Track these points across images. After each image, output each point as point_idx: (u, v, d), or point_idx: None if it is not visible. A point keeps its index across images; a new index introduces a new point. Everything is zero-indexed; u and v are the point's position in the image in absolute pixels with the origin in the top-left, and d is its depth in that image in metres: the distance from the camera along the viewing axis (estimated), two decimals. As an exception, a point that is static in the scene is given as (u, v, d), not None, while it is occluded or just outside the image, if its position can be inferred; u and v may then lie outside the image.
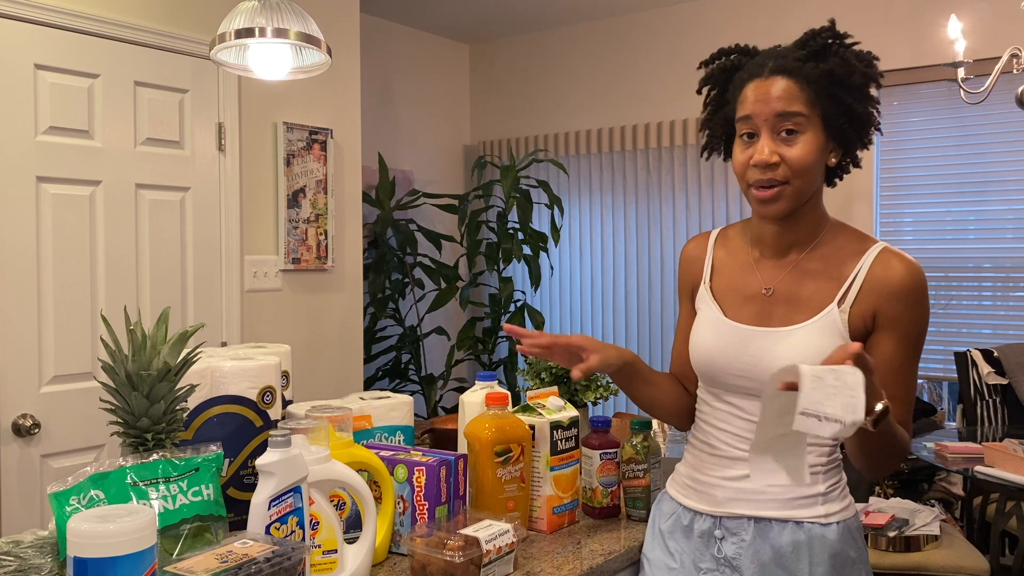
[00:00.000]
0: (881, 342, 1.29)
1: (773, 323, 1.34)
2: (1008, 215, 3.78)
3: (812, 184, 1.30)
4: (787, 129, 1.26)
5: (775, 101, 1.26)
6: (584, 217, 4.91)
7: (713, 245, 1.48)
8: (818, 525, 1.32)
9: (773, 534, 1.33)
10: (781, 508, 1.33)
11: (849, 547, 1.33)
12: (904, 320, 1.29)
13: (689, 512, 1.42)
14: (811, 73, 1.26)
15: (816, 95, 1.26)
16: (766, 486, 1.33)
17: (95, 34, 2.62)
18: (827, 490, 1.34)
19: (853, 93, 1.28)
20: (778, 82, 1.27)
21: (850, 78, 1.27)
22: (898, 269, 1.29)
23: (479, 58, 5.32)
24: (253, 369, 1.55)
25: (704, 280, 1.45)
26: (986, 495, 3.32)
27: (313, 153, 3.27)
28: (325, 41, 1.81)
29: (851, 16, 4.05)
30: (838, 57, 1.27)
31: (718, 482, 1.38)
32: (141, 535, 0.94)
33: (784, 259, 1.37)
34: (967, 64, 2.80)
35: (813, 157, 1.27)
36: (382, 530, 1.38)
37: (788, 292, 1.34)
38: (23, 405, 2.46)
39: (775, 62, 1.28)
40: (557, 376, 1.98)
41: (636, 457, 1.66)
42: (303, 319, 3.28)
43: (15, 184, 2.45)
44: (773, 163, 1.27)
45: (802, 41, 1.30)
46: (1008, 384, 3.60)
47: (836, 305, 1.30)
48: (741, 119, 1.30)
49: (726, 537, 1.37)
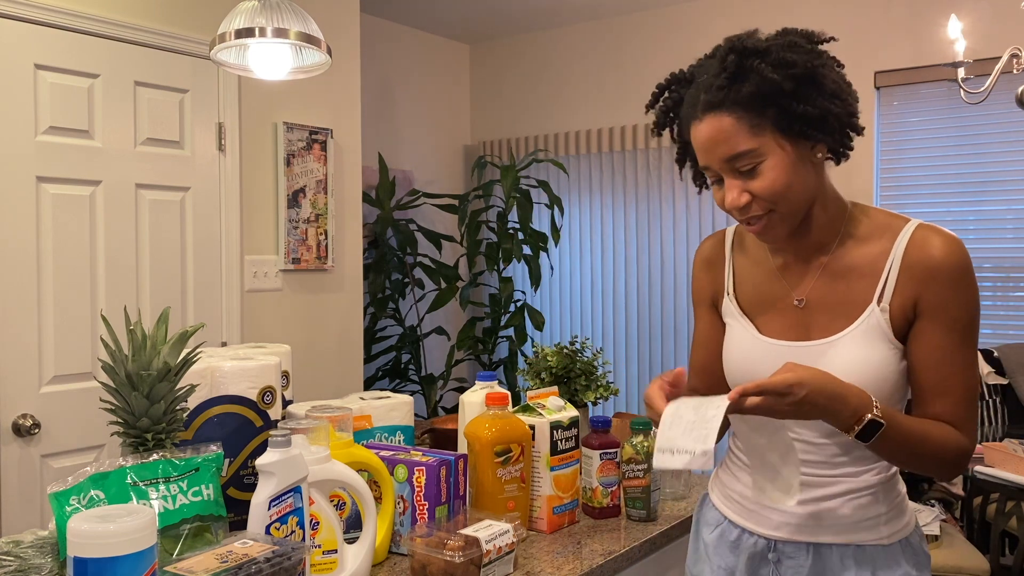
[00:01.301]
0: (926, 331, 1.18)
1: (812, 336, 1.25)
2: (1008, 215, 3.78)
3: (802, 197, 1.20)
4: (743, 168, 1.17)
5: (718, 147, 1.17)
6: (584, 217, 4.91)
7: (731, 249, 1.40)
8: (881, 547, 1.26)
9: (833, 560, 1.26)
10: (841, 533, 1.26)
11: (910, 564, 1.26)
12: (950, 304, 1.17)
13: (736, 528, 1.35)
14: (737, 98, 1.15)
15: (757, 116, 1.15)
16: (825, 511, 1.26)
17: (95, 34, 2.62)
18: (889, 508, 1.27)
19: (794, 98, 1.14)
20: (711, 123, 1.17)
21: (779, 89, 1.14)
22: (937, 247, 1.17)
23: (479, 58, 5.33)
24: (253, 369, 1.55)
25: (728, 291, 1.37)
26: (986, 495, 3.32)
27: (313, 153, 3.27)
28: (325, 41, 1.81)
29: (851, 16, 4.05)
30: (756, 74, 1.14)
31: (774, 505, 1.29)
32: (141, 535, 0.94)
33: (810, 264, 1.27)
34: (967, 64, 2.80)
35: (784, 178, 1.16)
36: (382, 530, 1.38)
37: (821, 299, 1.25)
38: (23, 405, 2.46)
39: (704, 96, 1.18)
40: (557, 376, 1.98)
41: (636, 457, 1.66)
42: (303, 319, 3.28)
43: (15, 184, 2.45)
44: (744, 204, 1.19)
45: (719, 62, 1.18)
46: (1008, 384, 3.60)
47: (876, 304, 1.20)
48: (702, 168, 1.23)
49: (782, 560, 1.30)
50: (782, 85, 1.13)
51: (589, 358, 2.03)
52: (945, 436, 1.18)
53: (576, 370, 1.99)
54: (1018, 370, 3.58)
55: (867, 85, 4.01)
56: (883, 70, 3.98)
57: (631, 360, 4.74)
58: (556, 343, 2.09)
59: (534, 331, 4.91)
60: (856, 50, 4.01)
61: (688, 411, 1.13)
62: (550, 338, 5.00)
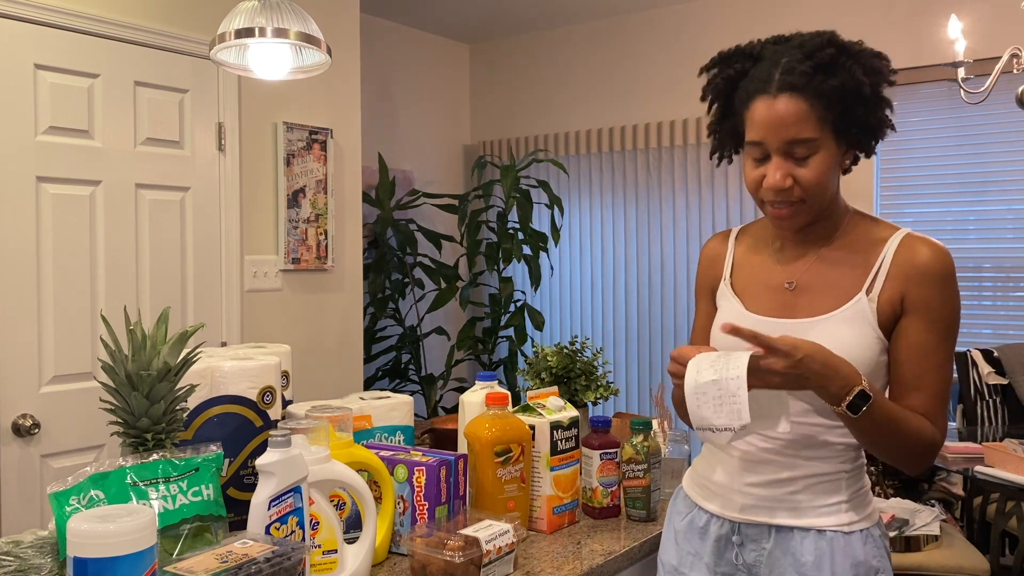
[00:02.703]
0: (910, 327, 1.26)
1: (798, 314, 1.31)
2: (1008, 215, 3.78)
3: (828, 195, 1.28)
4: (799, 154, 1.23)
5: (786, 128, 1.22)
6: (584, 217, 4.91)
7: (734, 242, 1.47)
8: (841, 534, 1.29)
9: (794, 543, 1.30)
10: (803, 516, 1.30)
11: (872, 556, 1.30)
12: (933, 304, 1.25)
13: (705, 514, 1.40)
14: (819, 88, 1.21)
15: (826, 109, 1.22)
16: (787, 493, 1.30)
17: (95, 34, 2.62)
18: (850, 496, 1.31)
19: (864, 104, 1.24)
20: (787, 103, 1.22)
21: (860, 91, 1.23)
22: (924, 252, 1.26)
23: (479, 58, 5.32)
24: (253, 369, 1.55)
25: (724, 277, 1.44)
26: (986, 495, 3.32)
27: (313, 153, 3.27)
28: (325, 41, 1.81)
29: (851, 16, 4.05)
30: (847, 72, 1.22)
31: (741, 487, 1.35)
32: (141, 535, 0.94)
33: (807, 252, 1.35)
34: (967, 64, 2.80)
35: (827, 174, 1.25)
36: (382, 530, 1.38)
37: (811, 282, 1.32)
38: (23, 405, 2.46)
39: (781, 76, 1.23)
40: (557, 376, 1.98)
41: (636, 457, 1.66)
42: (303, 319, 3.28)
43: (15, 184, 2.45)
44: (787, 187, 1.25)
45: (808, 51, 1.23)
46: (1008, 384, 3.60)
47: (864, 294, 1.27)
48: (751, 143, 1.27)
49: (745, 543, 1.35)
50: (863, 89, 1.22)
51: (589, 358, 2.03)
52: (921, 425, 1.25)
53: (576, 370, 1.99)
54: (1018, 370, 3.58)
55: (867, 85, 4.01)
56: (883, 70, 3.98)
57: (631, 360, 4.74)
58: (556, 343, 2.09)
59: (534, 331, 4.91)
60: (856, 50, 4.01)
61: (709, 387, 1.16)
62: (550, 338, 5.00)
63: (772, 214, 1.30)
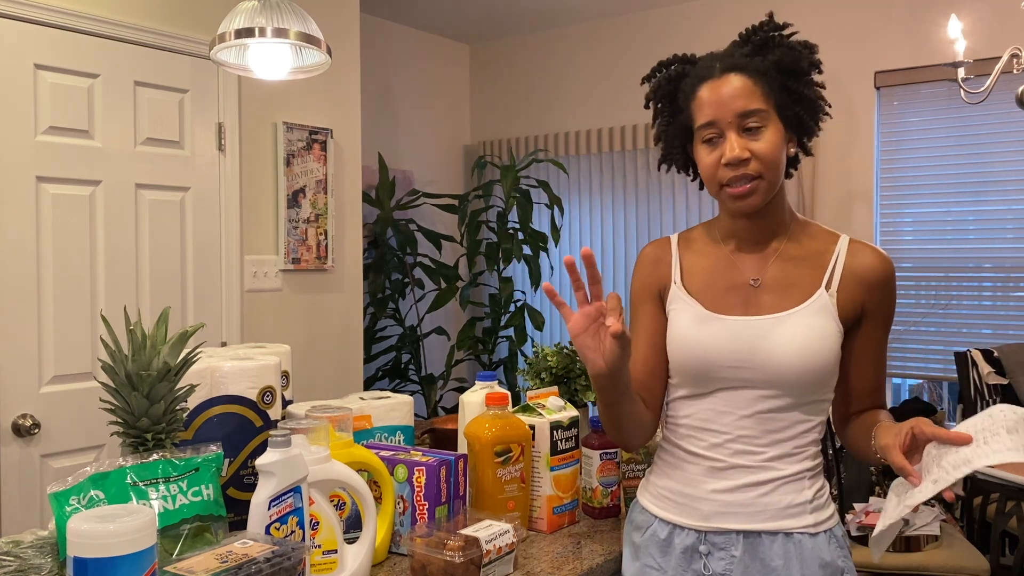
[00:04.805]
0: (869, 332, 1.34)
1: (762, 311, 1.32)
2: (1008, 215, 3.78)
3: (780, 176, 1.31)
4: (750, 126, 1.27)
5: (734, 100, 1.27)
6: (584, 217, 4.91)
7: (677, 247, 1.45)
8: (808, 535, 1.30)
9: (763, 548, 1.30)
10: (771, 519, 1.30)
11: (837, 556, 1.31)
12: (886, 308, 1.35)
13: (667, 525, 1.36)
14: (761, 66, 1.28)
15: (769, 87, 1.28)
16: (754, 497, 1.30)
17: (95, 34, 2.62)
18: (814, 497, 1.32)
19: (801, 80, 1.30)
20: (732, 80, 1.28)
21: (797, 65, 1.29)
22: (875, 261, 1.33)
23: (479, 58, 5.32)
24: (253, 369, 1.55)
25: (674, 280, 1.41)
26: (986, 495, 3.32)
27: (313, 153, 3.27)
28: (325, 41, 1.81)
29: (851, 16, 4.05)
30: (783, 47, 1.30)
31: (706, 495, 1.32)
32: (141, 535, 0.94)
33: (765, 249, 1.37)
34: (967, 64, 2.80)
35: (779, 149, 1.29)
36: (382, 530, 1.38)
37: (775, 280, 1.34)
38: (23, 405, 2.46)
39: (723, 62, 1.30)
40: (557, 376, 1.98)
41: (636, 457, 1.66)
42: (303, 319, 3.28)
43: (15, 184, 2.45)
44: (745, 158, 1.26)
45: (743, 38, 1.33)
46: (1008, 384, 3.60)
47: (824, 289, 1.32)
48: (703, 126, 1.30)
49: (712, 552, 1.32)
50: (801, 63, 1.29)
51: (589, 358, 2.02)
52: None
53: (576, 370, 1.99)
54: (1018, 370, 3.58)
55: (867, 85, 4.01)
56: (883, 70, 3.98)
57: (631, 360, 4.73)
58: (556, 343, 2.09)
59: (534, 331, 4.91)
60: (856, 50, 4.01)
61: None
62: (550, 338, 5.00)
63: (731, 194, 1.29)
